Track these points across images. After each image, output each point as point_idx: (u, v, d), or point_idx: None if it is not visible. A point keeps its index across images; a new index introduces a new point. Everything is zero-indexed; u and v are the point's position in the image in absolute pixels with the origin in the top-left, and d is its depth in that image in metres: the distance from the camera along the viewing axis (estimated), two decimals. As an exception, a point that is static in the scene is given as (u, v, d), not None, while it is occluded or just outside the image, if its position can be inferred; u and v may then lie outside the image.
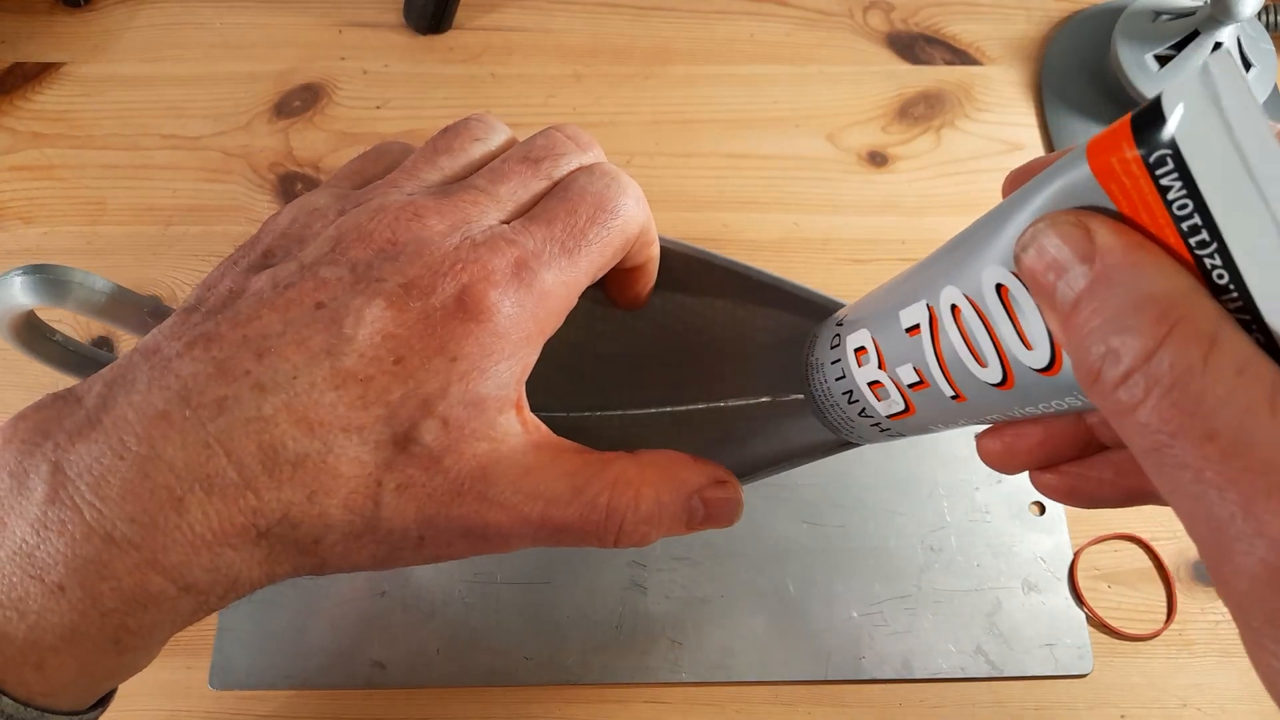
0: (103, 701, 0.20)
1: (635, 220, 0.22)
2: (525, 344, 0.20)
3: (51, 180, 0.43)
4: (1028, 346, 0.16)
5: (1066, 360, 0.16)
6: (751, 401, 0.27)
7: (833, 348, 0.23)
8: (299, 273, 0.20)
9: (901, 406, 0.21)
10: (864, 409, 0.22)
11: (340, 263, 0.20)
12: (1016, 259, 0.15)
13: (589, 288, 0.22)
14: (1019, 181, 0.17)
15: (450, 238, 0.20)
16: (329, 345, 0.19)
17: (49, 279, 0.22)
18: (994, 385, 0.18)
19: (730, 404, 0.28)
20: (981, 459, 0.21)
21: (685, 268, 0.26)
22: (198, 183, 0.44)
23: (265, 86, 0.46)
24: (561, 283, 0.21)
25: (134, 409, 0.18)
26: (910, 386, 0.20)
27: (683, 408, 0.28)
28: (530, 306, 0.20)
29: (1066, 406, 0.17)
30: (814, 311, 0.25)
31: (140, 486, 0.18)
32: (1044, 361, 0.16)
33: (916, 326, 0.19)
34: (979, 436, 0.21)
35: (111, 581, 0.18)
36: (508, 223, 0.21)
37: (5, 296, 0.22)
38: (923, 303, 0.19)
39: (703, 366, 0.28)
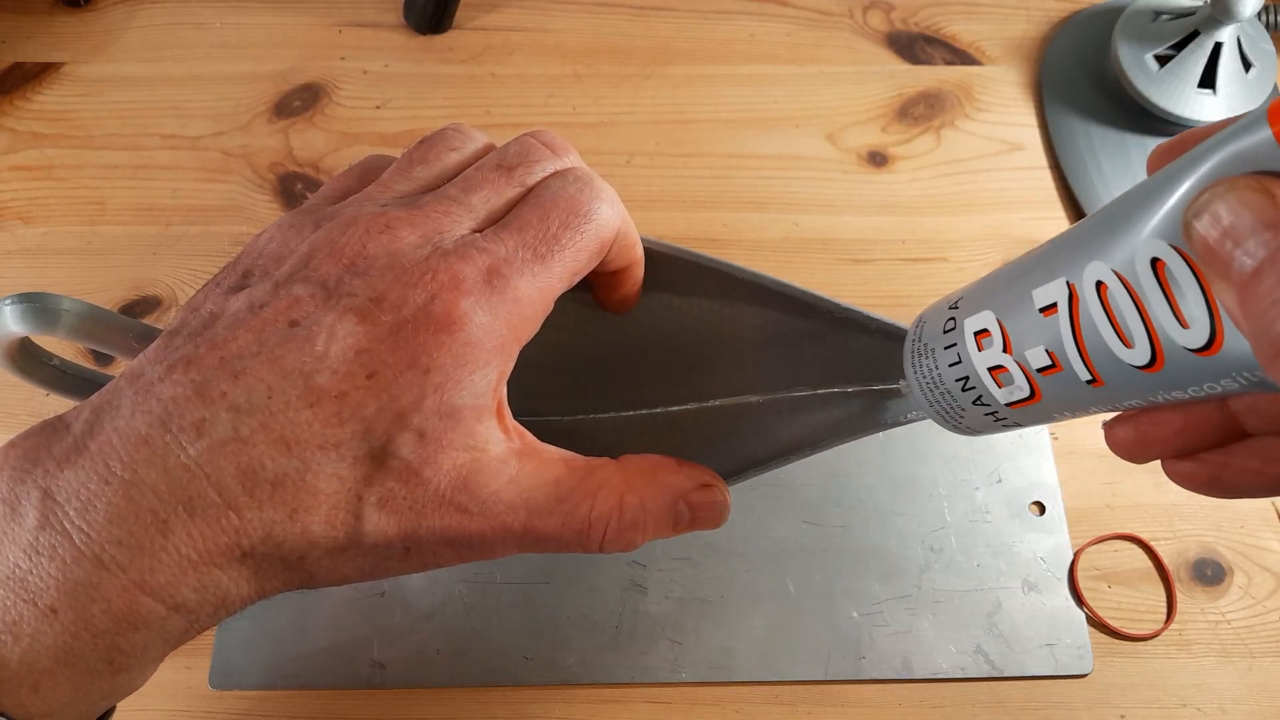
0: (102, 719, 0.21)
1: (609, 224, 0.22)
2: (500, 351, 0.20)
3: (51, 180, 0.43)
4: (1183, 325, 0.16)
5: (1228, 339, 0.15)
6: (741, 400, 0.28)
7: (946, 332, 0.21)
8: (273, 291, 0.20)
9: (1026, 393, 0.20)
10: (980, 397, 0.21)
11: (312, 279, 0.20)
12: (1185, 228, 0.15)
13: (579, 292, 0.22)
14: (1170, 155, 0.16)
15: (421, 249, 0.20)
16: (302, 364, 0.19)
17: (40, 307, 0.23)
18: (1139, 368, 0.17)
19: (721, 403, 0.28)
20: (1111, 448, 0.20)
21: (672, 269, 0.26)
22: (198, 183, 0.44)
23: (265, 86, 0.46)
24: (535, 289, 0.21)
25: (118, 434, 0.18)
26: (1040, 371, 0.19)
27: (674, 408, 0.28)
28: (503, 314, 0.20)
29: (1220, 389, 0.16)
30: (799, 308, 0.25)
31: (126, 510, 0.18)
32: (1201, 341, 0.15)
33: (1053, 306, 0.18)
34: (1108, 425, 0.20)
35: (102, 603, 0.18)
36: (480, 231, 0.21)
37: None
38: (1062, 280, 0.18)
39: (693, 366, 0.28)
